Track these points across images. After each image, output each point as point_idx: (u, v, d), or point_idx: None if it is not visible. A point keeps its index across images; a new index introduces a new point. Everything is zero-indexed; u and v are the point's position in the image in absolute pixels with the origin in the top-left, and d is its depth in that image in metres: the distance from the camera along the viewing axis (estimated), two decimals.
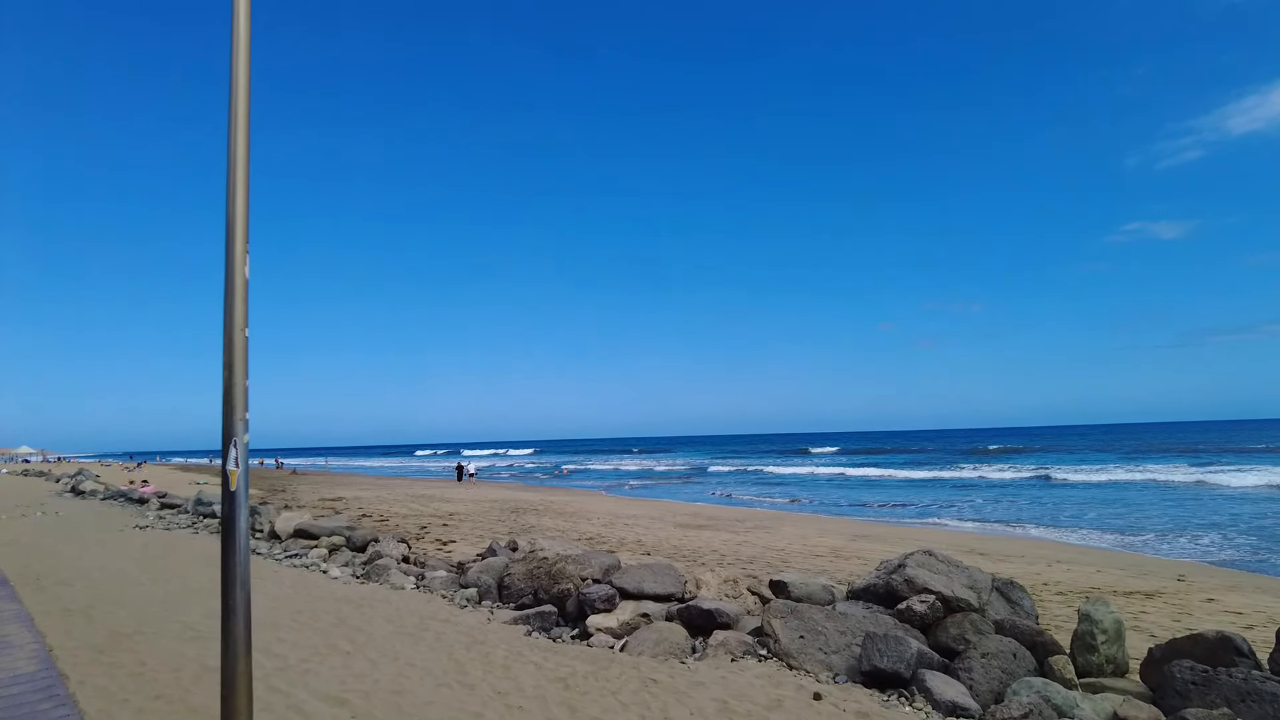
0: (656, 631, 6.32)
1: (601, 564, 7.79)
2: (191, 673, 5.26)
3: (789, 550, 15.97)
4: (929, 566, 6.68)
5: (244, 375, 3.13)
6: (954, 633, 5.81)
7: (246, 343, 3.16)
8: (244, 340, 3.14)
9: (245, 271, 3.17)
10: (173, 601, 7.71)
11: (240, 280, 3.15)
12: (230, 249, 3.17)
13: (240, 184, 3.23)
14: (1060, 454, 62.30)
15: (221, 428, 3.10)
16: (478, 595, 8.14)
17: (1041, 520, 22.48)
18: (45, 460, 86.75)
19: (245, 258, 3.18)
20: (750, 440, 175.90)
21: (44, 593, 8.27)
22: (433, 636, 6.17)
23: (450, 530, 17.91)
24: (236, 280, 3.15)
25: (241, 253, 3.17)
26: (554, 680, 4.92)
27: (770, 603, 6.21)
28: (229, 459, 3.08)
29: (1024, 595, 6.73)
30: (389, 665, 5.31)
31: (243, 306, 3.16)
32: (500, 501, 28.08)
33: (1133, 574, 13.66)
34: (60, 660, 5.60)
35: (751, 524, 21.42)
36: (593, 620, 6.81)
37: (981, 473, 43.76)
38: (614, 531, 18.81)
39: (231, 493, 3.08)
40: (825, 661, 5.63)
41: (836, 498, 32.51)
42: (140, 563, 10.40)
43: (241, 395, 3.12)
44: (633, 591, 7.24)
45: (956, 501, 28.95)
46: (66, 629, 6.55)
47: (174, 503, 19.63)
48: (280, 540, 12.18)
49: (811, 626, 5.91)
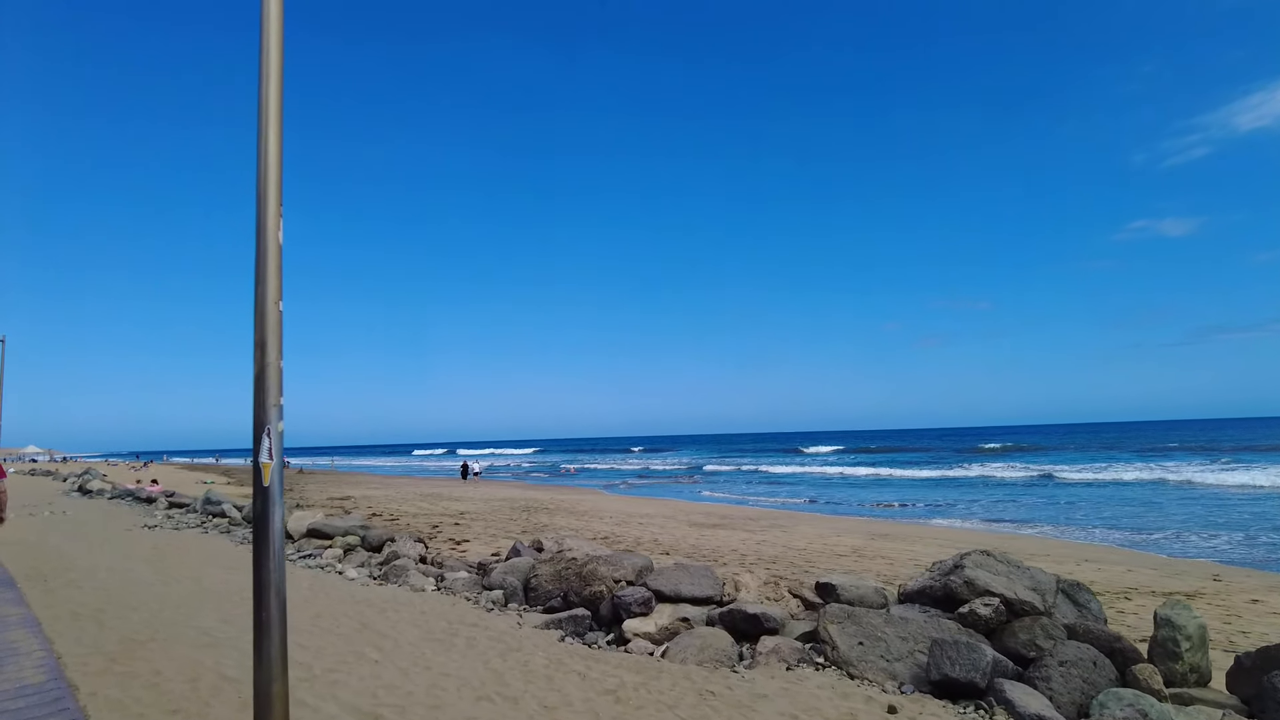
0: (700, 637, 5.94)
1: (634, 565, 7.41)
2: (210, 683, 4.89)
3: (810, 550, 15.56)
4: (988, 567, 6.28)
5: (278, 354, 2.75)
6: (1023, 638, 5.42)
7: (281, 318, 2.78)
8: (278, 315, 2.76)
9: (279, 237, 2.79)
10: (186, 605, 7.35)
11: (273, 246, 2.77)
12: (261, 212, 2.78)
13: (273, 134, 2.84)
14: (1068, 453, 61.68)
15: (253, 415, 2.72)
16: (503, 598, 7.77)
17: (1056, 519, 22.04)
18: (52, 460, 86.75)
19: (279, 221, 2.80)
20: (752, 439, 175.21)
21: (52, 595, 7.93)
22: (464, 643, 5.80)
23: (463, 529, 17.56)
24: (269, 246, 2.77)
25: (274, 216, 2.79)
26: (603, 693, 4.54)
27: (825, 607, 5.83)
28: (262, 450, 2.71)
29: (1091, 598, 6.33)
30: (421, 675, 4.93)
31: (276, 276, 2.77)
32: (510, 500, 27.73)
33: (1164, 574, 13.24)
34: (70, 669, 5.24)
35: (766, 523, 21.03)
36: (629, 625, 6.44)
37: (990, 471, 43.18)
38: (628, 531, 18.44)
39: (265, 488, 2.70)
40: (888, 670, 5.25)
41: (845, 497, 32.07)
42: (150, 564, 10.06)
43: (275, 377, 2.74)
44: (669, 594, 6.87)
45: (967, 500, 28.52)
46: (76, 635, 6.20)
47: (182, 502, 19.32)
48: (293, 540, 11.82)
49: (870, 632, 5.53)
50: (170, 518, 16.63)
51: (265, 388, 2.70)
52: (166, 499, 20.24)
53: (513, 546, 9.35)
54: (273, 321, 2.73)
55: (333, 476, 50.81)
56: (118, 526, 15.11)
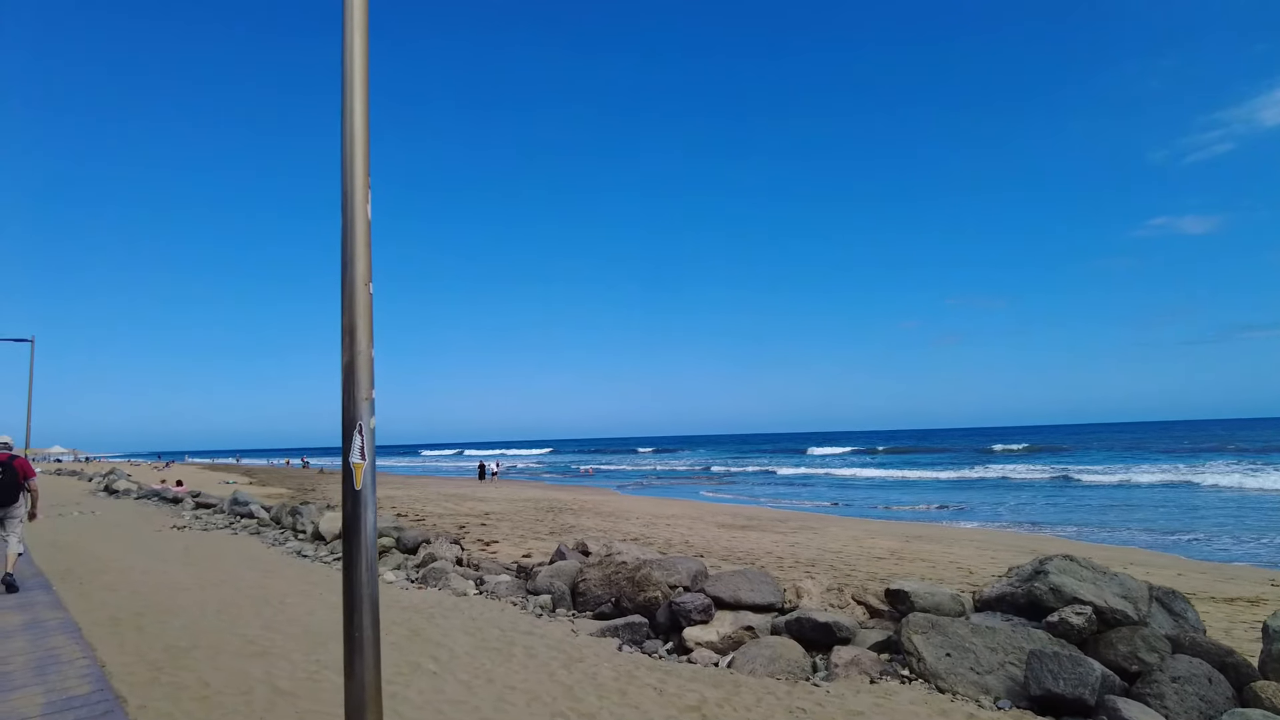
0: (769, 647, 5.62)
1: (689, 570, 7.10)
2: (263, 697, 4.64)
3: (846, 552, 15.16)
4: (1072, 573, 5.91)
5: (369, 341, 2.46)
6: (1123, 650, 5.04)
7: (371, 300, 2.48)
8: (368, 297, 2.47)
9: (367, 210, 2.49)
10: (226, 610, 7.13)
11: (360, 221, 2.48)
12: (347, 183, 2.49)
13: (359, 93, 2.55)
14: (1090, 453, 60.55)
15: (341, 410, 2.43)
16: (551, 602, 7.48)
17: (1089, 521, 21.46)
18: (76, 460, 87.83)
19: (366, 193, 2.50)
20: (764, 440, 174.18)
21: (89, 599, 7.74)
22: (522, 652, 5.51)
23: (489, 530, 17.33)
24: (356, 221, 2.47)
25: (362, 187, 2.49)
26: (685, 709, 4.23)
27: (907, 616, 5.48)
28: (353, 449, 2.41)
29: (1187, 606, 5.93)
30: (485, 689, 4.64)
31: (365, 254, 2.48)
32: (533, 501, 27.50)
33: (1217, 578, 12.74)
34: (115, 679, 5.01)
35: (795, 524, 20.64)
36: (690, 633, 6.13)
37: (1011, 473, 42.37)
38: (657, 532, 18.13)
39: (357, 492, 2.41)
40: (979, 683, 4.90)
41: (867, 498, 31.55)
42: (184, 566, 9.88)
43: (366, 367, 2.45)
44: (729, 601, 6.55)
45: (992, 502, 27.94)
46: (118, 641, 5.98)
47: (209, 502, 19.23)
48: (325, 541, 11.62)
49: (957, 643, 5.18)
50: (198, 518, 16.53)
51: (355, 380, 2.41)
52: (193, 499, 20.17)
53: (557, 549, 9.06)
54: (362, 305, 2.44)
55: None
56: (147, 527, 15.01)
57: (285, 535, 12.88)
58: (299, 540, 12.23)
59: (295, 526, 13.21)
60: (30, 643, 5.96)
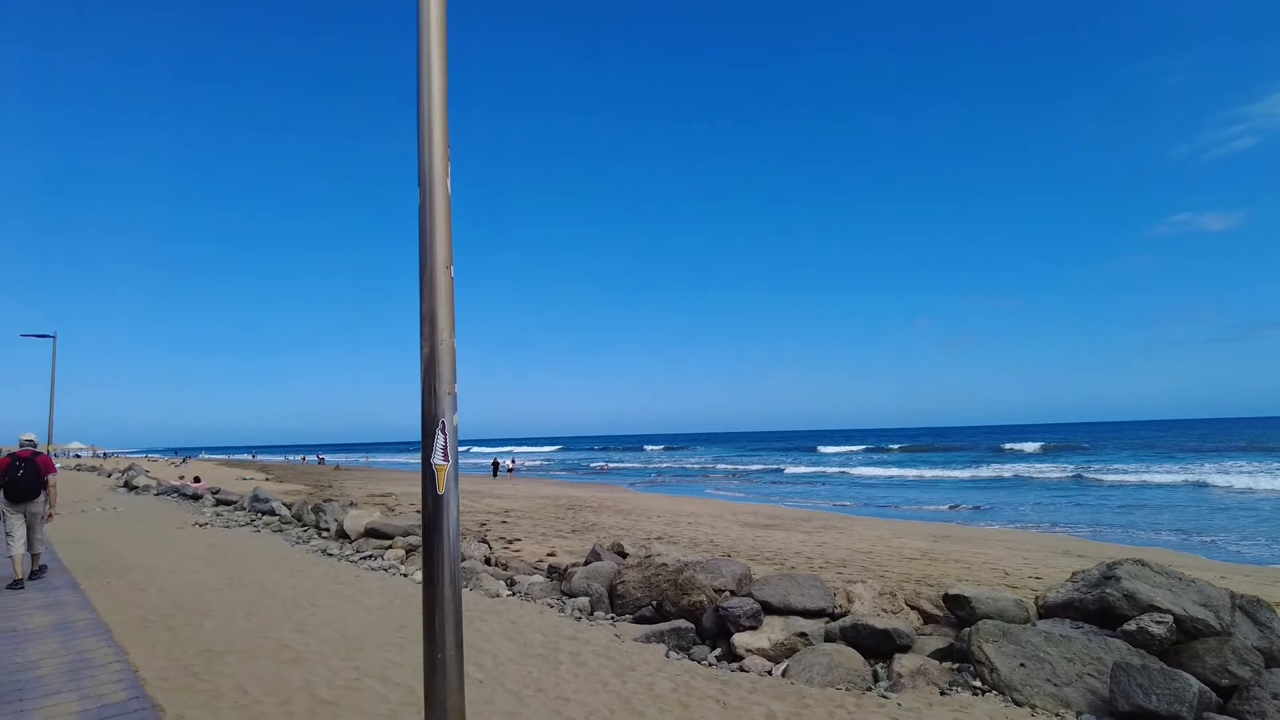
0: (825, 655, 5.35)
1: (734, 573, 6.84)
2: (304, 707, 4.42)
3: (876, 552, 14.84)
4: (1145, 578, 5.60)
5: (450, 330, 2.21)
6: (1211, 663, 4.74)
7: (452, 285, 2.24)
8: (449, 281, 2.22)
9: (446, 187, 2.24)
10: (256, 612, 6.94)
11: (440, 197, 2.23)
12: (425, 157, 2.24)
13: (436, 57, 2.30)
14: (1108, 452, 59.62)
15: (421, 405, 2.19)
16: (589, 605, 7.25)
17: (1116, 522, 20.97)
18: (94, 455, 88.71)
19: (446, 165, 2.25)
20: (778, 437, 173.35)
21: (117, 598, 7.59)
22: (569, 659, 5.27)
23: (511, 528, 17.14)
24: (435, 197, 2.22)
25: (441, 159, 2.24)
26: None
27: (978, 623, 5.20)
28: (435, 449, 2.16)
29: (1273, 616, 5.61)
30: (537, 700, 4.41)
31: (445, 235, 2.23)
32: (551, 498, 27.33)
33: (1259, 580, 12.36)
34: (149, 685, 4.81)
35: (818, 523, 20.33)
36: (741, 640, 5.86)
37: (1030, 472, 41.67)
38: (680, 530, 17.88)
39: (439, 497, 2.16)
40: (1058, 696, 4.61)
41: (888, 497, 31.14)
42: (209, 564, 9.73)
43: (448, 358, 2.20)
44: (778, 606, 6.28)
45: (1015, 502, 27.47)
46: (149, 644, 5.80)
47: (229, 499, 19.17)
48: (350, 540, 11.45)
49: (1031, 652, 4.89)
50: (219, 515, 16.44)
51: (437, 372, 2.17)
52: (213, 496, 20.13)
53: (591, 550, 8.83)
54: (443, 290, 2.19)
55: (368, 473, 51.02)
56: (169, 524, 14.93)
57: (308, 533, 12.73)
58: (323, 538, 12.07)
59: (318, 524, 13.06)
60: (61, 645, 5.79)
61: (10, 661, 5.32)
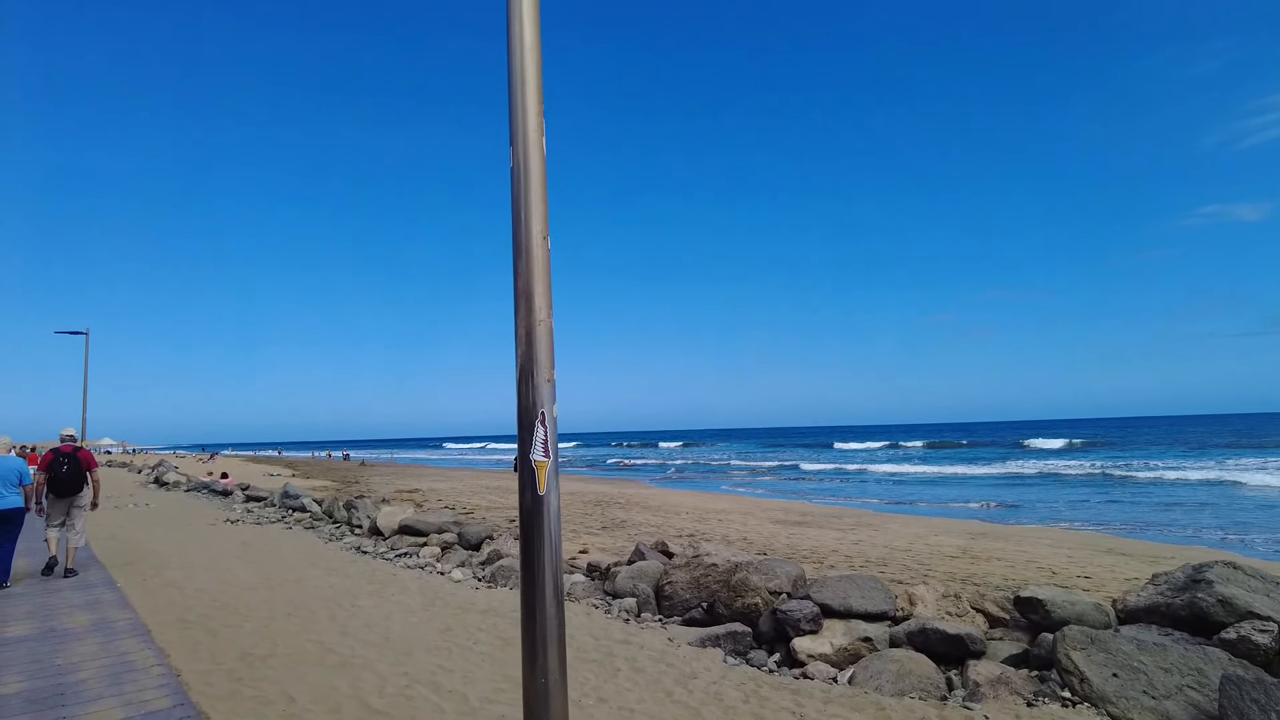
0: (894, 662, 5.05)
1: (789, 574, 6.55)
2: (353, 715, 4.21)
3: (915, 551, 14.44)
4: (1240, 582, 5.23)
5: (548, 308, 1.94)
6: None
7: (549, 259, 1.97)
8: (545, 254, 1.95)
9: (541, 144, 1.97)
10: (296, 613, 6.78)
11: (536, 159, 1.95)
12: (518, 112, 1.97)
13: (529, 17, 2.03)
14: (1138, 447, 58.27)
15: (517, 396, 1.92)
16: (636, 606, 7.00)
17: (1155, 521, 20.22)
18: (125, 451, 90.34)
19: (540, 123, 1.98)
20: (794, 433, 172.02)
21: (154, 597, 7.48)
22: (626, 665, 5.02)
23: None
24: (530, 160, 1.95)
25: (535, 116, 1.97)
26: None
27: (1064, 629, 4.86)
28: (534, 444, 1.90)
29: None
30: (601, 711, 4.16)
31: (541, 200, 1.96)
32: (576, 494, 27.14)
33: None
34: (193, 691, 4.64)
35: (851, 521, 19.92)
36: (801, 644, 5.58)
37: (1062, 468, 40.61)
38: (712, 527, 17.58)
39: (540, 498, 1.90)
40: (1157, 709, 4.27)
41: (915, 494, 30.48)
42: (244, 562, 9.62)
43: (547, 341, 1.93)
44: (838, 609, 5.98)
45: (1049, 500, 26.68)
46: (190, 647, 5.64)
47: (259, 495, 19.21)
48: (384, 537, 11.31)
49: (1123, 661, 4.55)
50: (250, 512, 16.45)
51: (534, 356, 1.90)
52: (243, 492, 20.19)
53: (635, 549, 8.58)
54: (540, 263, 1.93)
55: (394, 469, 51.25)
56: (201, 521, 14.93)
57: (340, 530, 12.63)
58: (356, 535, 11.95)
59: (350, 521, 12.96)
60: (100, 646, 5.65)
61: (50, 664, 5.18)
